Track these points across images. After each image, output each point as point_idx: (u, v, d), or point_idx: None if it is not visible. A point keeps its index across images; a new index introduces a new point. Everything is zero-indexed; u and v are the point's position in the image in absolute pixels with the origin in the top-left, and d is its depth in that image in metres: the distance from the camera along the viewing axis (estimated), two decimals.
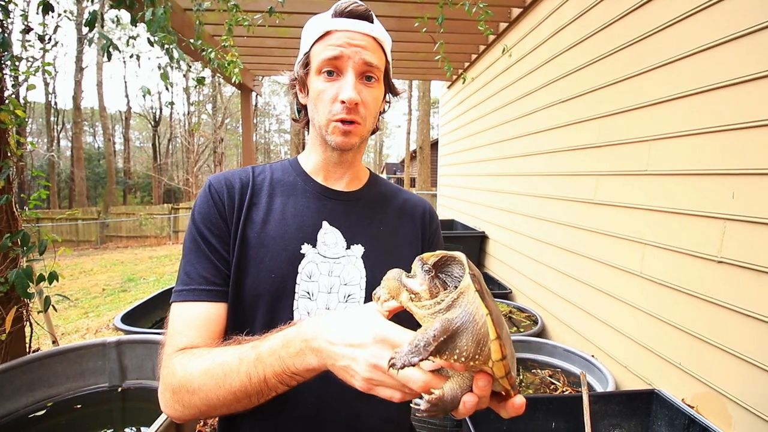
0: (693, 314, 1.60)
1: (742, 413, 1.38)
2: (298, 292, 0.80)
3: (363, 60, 0.79)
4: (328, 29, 0.79)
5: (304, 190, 0.88)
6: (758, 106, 1.36)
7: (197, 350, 0.71)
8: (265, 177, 0.89)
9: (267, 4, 2.75)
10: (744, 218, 1.40)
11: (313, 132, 0.88)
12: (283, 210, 0.85)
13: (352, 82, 0.78)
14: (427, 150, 13.44)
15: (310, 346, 0.59)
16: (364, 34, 0.80)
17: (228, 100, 22.75)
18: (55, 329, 2.79)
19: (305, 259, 0.82)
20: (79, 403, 1.93)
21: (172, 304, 0.78)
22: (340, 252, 0.84)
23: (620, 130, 2.07)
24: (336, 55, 0.78)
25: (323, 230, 0.85)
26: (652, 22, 1.84)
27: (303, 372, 0.61)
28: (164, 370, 0.71)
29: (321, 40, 0.80)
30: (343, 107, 0.79)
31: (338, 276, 0.83)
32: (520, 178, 3.37)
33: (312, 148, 0.91)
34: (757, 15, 1.36)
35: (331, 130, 0.81)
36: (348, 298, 0.83)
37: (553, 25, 2.78)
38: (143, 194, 26.78)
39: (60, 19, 2.46)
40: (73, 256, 10.21)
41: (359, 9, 0.81)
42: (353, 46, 0.78)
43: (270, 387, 0.63)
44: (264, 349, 0.64)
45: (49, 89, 21.00)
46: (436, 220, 1.00)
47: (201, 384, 0.66)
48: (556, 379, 2.12)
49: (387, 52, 0.86)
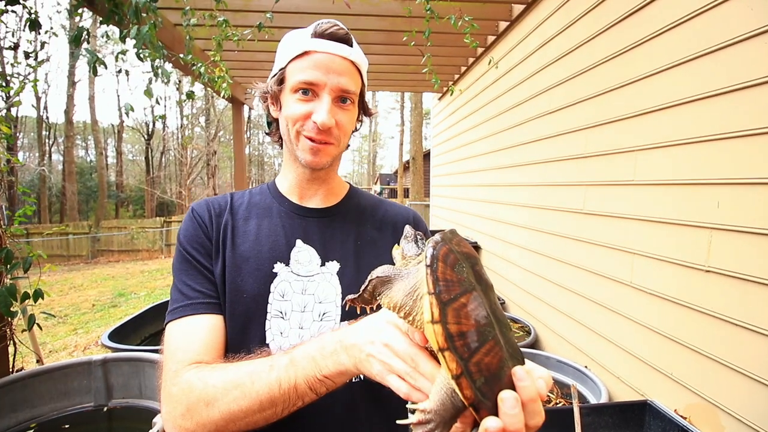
0: (683, 324, 1.60)
1: (734, 424, 1.37)
2: (270, 312, 0.80)
3: (340, 87, 0.79)
4: (306, 49, 0.79)
5: (279, 210, 0.89)
6: (741, 116, 1.38)
7: (218, 364, 0.70)
8: (243, 201, 0.90)
9: (257, 19, 2.78)
10: (729, 227, 1.41)
11: (286, 149, 0.89)
12: (258, 231, 0.85)
13: (327, 105, 0.78)
14: (419, 161, 13.52)
15: (343, 344, 0.60)
16: (342, 57, 0.80)
17: (221, 112, 22.79)
18: (43, 346, 2.74)
19: (278, 278, 0.81)
20: (64, 424, 1.88)
21: (168, 324, 0.76)
22: (314, 269, 0.83)
23: (607, 140, 2.10)
24: (313, 80, 0.78)
25: (297, 248, 0.85)
26: (635, 35, 1.88)
27: (335, 374, 0.61)
28: (173, 388, 0.68)
29: (299, 59, 0.80)
30: (314, 127, 0.79)
31: (312, 294, 0.82)
32: (511, 188, 3.39)
33: (286, 167, 0.92)
34: (738, 27, 1.39)
35: (301, 146, 0.82)
36: (323, 316, 0.81)
37: (540, 37, 2.83)
38: (136, 207, 26.57)
39: (48, 36, 2.46)
40: (63, 271, 10.06)
41: (339, 32, 0.81)
42: (331, 72, 0.79)
43: (299, 394, 0.62)
44: (298, 353, 0.64)
45: (40, 103, 20.92)
46: (422, 226, 0.97)
47: (224, 394, 0.64)
48: (549, 391, 2.10)
49: (363, 75, 0.87)
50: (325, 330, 0.79)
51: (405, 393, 0.51)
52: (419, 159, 13.51)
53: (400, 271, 0.51)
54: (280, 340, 0.78)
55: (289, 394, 0.62)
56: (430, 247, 0.47)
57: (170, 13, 3.09)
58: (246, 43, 2.79)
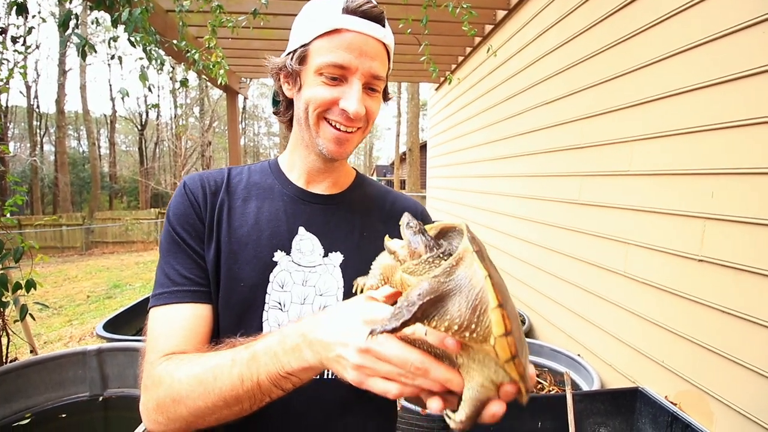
0: (675, 312, 1.62)
1: (724, 410, 1.40)
2: (268, 303, 0.75)
3: (372, 73, 0.72)
4: (337, 26, 0.70)
5: (281, 193, 0.82)
6: (736, 107, 1.38)
7: (186, 356, 0.66)
8: (241, 179, 0.84)
9: (251, 5, 2.73)
10: (723, 217, 1.42)
11: (299, 132, 0.80)
12: (257, 214, 0.79)
13: (358, 93, 0.71)
14: (416, 152, 13.48)
15: (307, 339, 0.56)
16: (376, 39, 0.72)
17: (215, 102, 22.56)
18: (38, 337, 2.72)
19: (277, 267, 0.77)
20: (59, 414, 1.88)
21: (150, 309, 0.72)
22: (317, 260, 0.79)
23: (603, 131, 2.09)
24: (345, 64, 0.70)
25: (299, 236, 0.79)
26: (631, 25, 1.87)
27: (299, 371, 0.57)
28: (147, 380, 0.66)
29: (327, 36, 0.71)
30: (343, 114, 0.73)
31: (313, 286, 0.78)
32: (507, 179, 3.40)
33: (295, 149, 0.84)
34: (734, 18, 1.39)
35: (323, 134, 0.75)
36: (323, 309, 0.79)
37: (537, 27, 2.81)
38: (130, 199, 26.37)
39: (35, 20, 2.39)
40: (57, 263, 10.00)
41: (374, 11, 0.73)
42: (364, 56, 0.71)
43: (263, 391, 0.58)
44: (259, 347, 0.59)
45: (31, 93, 20.60)
46: (429, 222, 0.91)
47: (189, 391, 0.61)
48: (543, 379, 2.13)
49: (391, 57, 0.80)
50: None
51: (395, 394, 0.49)
52: (416, 150, 13.48)
53: (447, 285, 0.44)
54: None
55: (253, 391, 0.59)
56: (475, 256, 0.44)
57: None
58: (241, 30, 2.75)
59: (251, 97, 26.04)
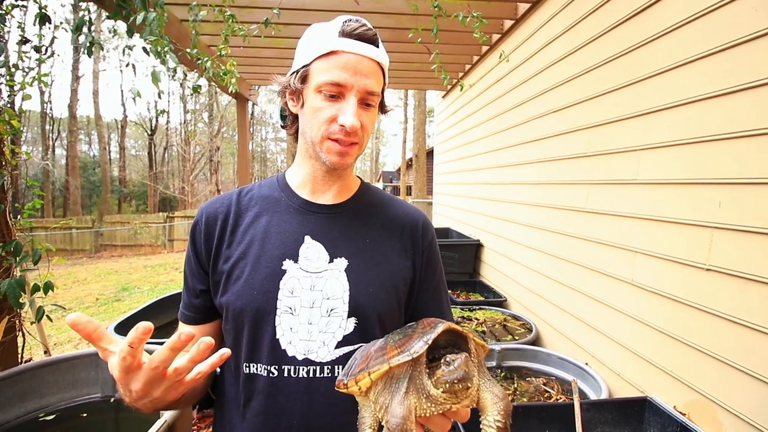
0: (683, 322, 1.62)
1: (733, 420, 1.39)
2: (279, 308, 0.82)
3: (367, 89, 0.80)
4: (333, 49, 0.78)
5: (287, 205, 0.90)
6: (744, 117, 1.39)
7: None
8: (252, 196, 0.92)
9: (263, 15, 2.79)
10: (731, 227, 1.42)
11: (304, 145, 0.88)
12: (267, 228, 0.87)
13: (354, 108, 0.79)
14: (422, 158, 13.51)
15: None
16: (370, 59, 0.80)
17: (224, 108, 22.81)
18: (48, 339, 2.76)
19: (287, 275, 0.83)
20: (72, 414, 1.91)
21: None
22: (323, 266, 0.84)
23: (610, 139, 2.11)
24: (341, 82, 0.78)
25: (305, 245, 0.85)
26: (640, 34, 1.89)
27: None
28: None
29: (325, 58, 0.79)
30: (342, 130, 0.79)
31: (320, 290, 0.83)
32: (514, 186, 3.41)
33: (301, 161, 0.92)
34: (741, 29, 1.40)
35: (326, 149, 0.82)
36: (331, 312, 0.83)
37: (545, 36, 2.84)
38: (138, 203, 26.63)
39: (56, 30, 2.47)
40: (66, 266, 10.12)
41: (368, 33, 0.81)
42: (359, 75, 0.78)
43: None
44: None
45: (44, 98, 20.98)
46: (430, 233, 0.96)
47: None
48: (550, 387, 2.13)
49: (386, 74, 0.88)
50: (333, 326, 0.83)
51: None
52: (422, 157, 13.50)
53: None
54: (290, 336, 0.81)
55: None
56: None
57: (176, 9, 3.11)
58: (252, 39, 2.80)
59: (260, 104, 26.32)
